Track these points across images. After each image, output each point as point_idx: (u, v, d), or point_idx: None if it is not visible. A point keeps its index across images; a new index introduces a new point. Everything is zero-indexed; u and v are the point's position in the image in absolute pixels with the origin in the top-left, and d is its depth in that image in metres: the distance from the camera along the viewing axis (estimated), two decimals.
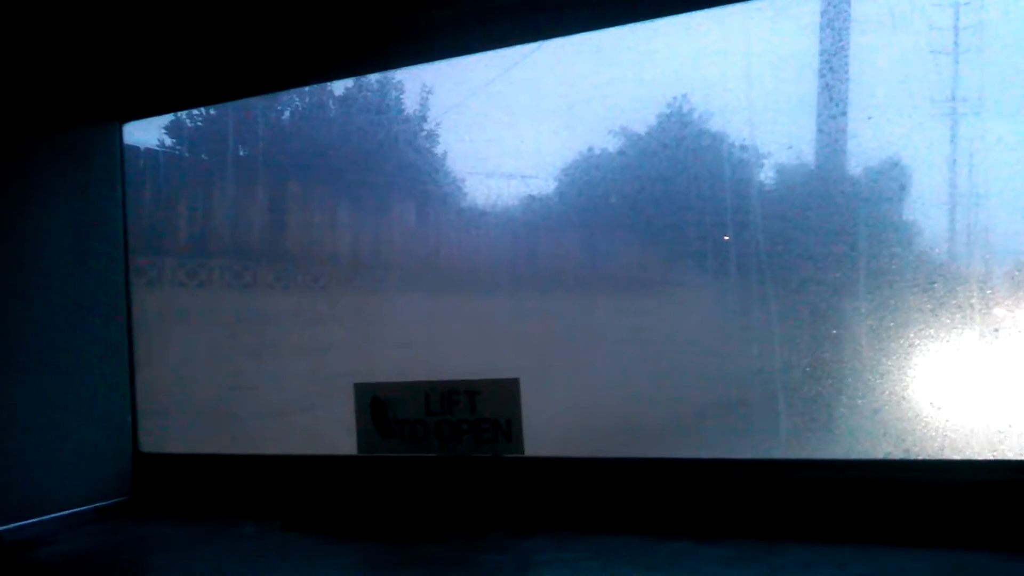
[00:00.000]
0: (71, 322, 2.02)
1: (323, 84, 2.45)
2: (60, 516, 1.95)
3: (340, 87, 2.48)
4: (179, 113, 2.54)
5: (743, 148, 1.92)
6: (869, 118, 1.76)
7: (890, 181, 1.77)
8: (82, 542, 1.86)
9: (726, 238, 1.95)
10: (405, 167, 2.42)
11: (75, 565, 1.71)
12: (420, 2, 1.81)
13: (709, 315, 2.03)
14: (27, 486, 1.91)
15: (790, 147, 1.89)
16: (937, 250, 1.76)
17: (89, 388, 2.07)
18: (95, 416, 2.08)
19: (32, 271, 1.94)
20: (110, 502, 2.07)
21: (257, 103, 2.51)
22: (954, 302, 1.67)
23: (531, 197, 2.22)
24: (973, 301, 1.65)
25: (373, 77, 2.40)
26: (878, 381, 1.72)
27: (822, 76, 1.81)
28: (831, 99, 1.80)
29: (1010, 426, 1.60)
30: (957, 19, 1.88)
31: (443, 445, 1.85)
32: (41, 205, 1.96)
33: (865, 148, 1.79)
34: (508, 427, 1.80)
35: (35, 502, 1.92)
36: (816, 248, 1.81)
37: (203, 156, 2.72)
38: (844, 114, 1.81)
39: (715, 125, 1.95)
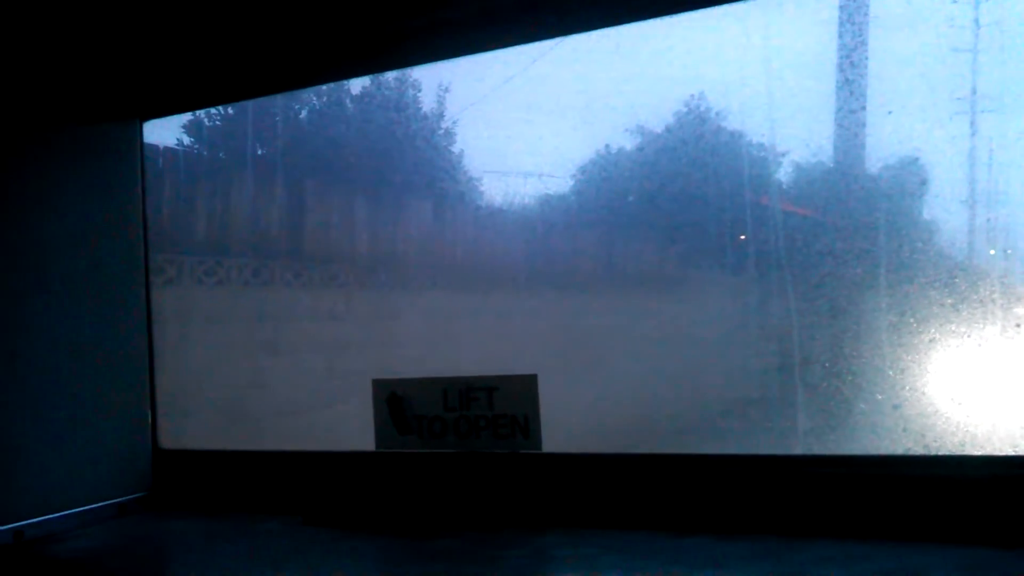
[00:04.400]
0: (90, 319, 2.03)
1: (341, 82, 2.46)
2: (80, 512, 1.96)
3: (357, 85, 2.49)
4: (197, 112, 2.55)
5: (761, 145, 1.92)
6: (890, 112, 1.76)
7: (910, 177, 1.76)
8: (102, 538, 1.87)
9: (742, 237, 1.94)
10: (423, 165, 2.43)
11: (95, 561, 1.72)
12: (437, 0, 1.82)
13: (728, 312, 2.03)
14: (48, 482, 1.92)
15: (808, 144, 1.89)
16: (958, 245, 1.75)
17: (109, 385, 2.08)
18: (115, 413, 2.09)
19: (52, 268, 1.95)
20: (130, 498, 2.09)
21: (275, 102, 2.52)
22: (975, 297, 1.66)
23: (548, 195, 2.22)
24: (995, 296, 1.64)
25: (390, 75, 2.41)
26: (898, 377, 1.72)
27: (841, 71, 1.81)
28: (851, 94, 1.80)
29: None
30: (977, 16, 1.87)
31: (461, 441, 1.85)
32: (61, 202, 1.98)
33: (885, 144, 1.78)
34: (526, 423, 1.80)
35: (56, 498, 1.93)
36: (836, 244, 1.81)
37: (221, 154, 2.74)
38: (863, 109, 1.80)
39: (734, 122, 1.95)
